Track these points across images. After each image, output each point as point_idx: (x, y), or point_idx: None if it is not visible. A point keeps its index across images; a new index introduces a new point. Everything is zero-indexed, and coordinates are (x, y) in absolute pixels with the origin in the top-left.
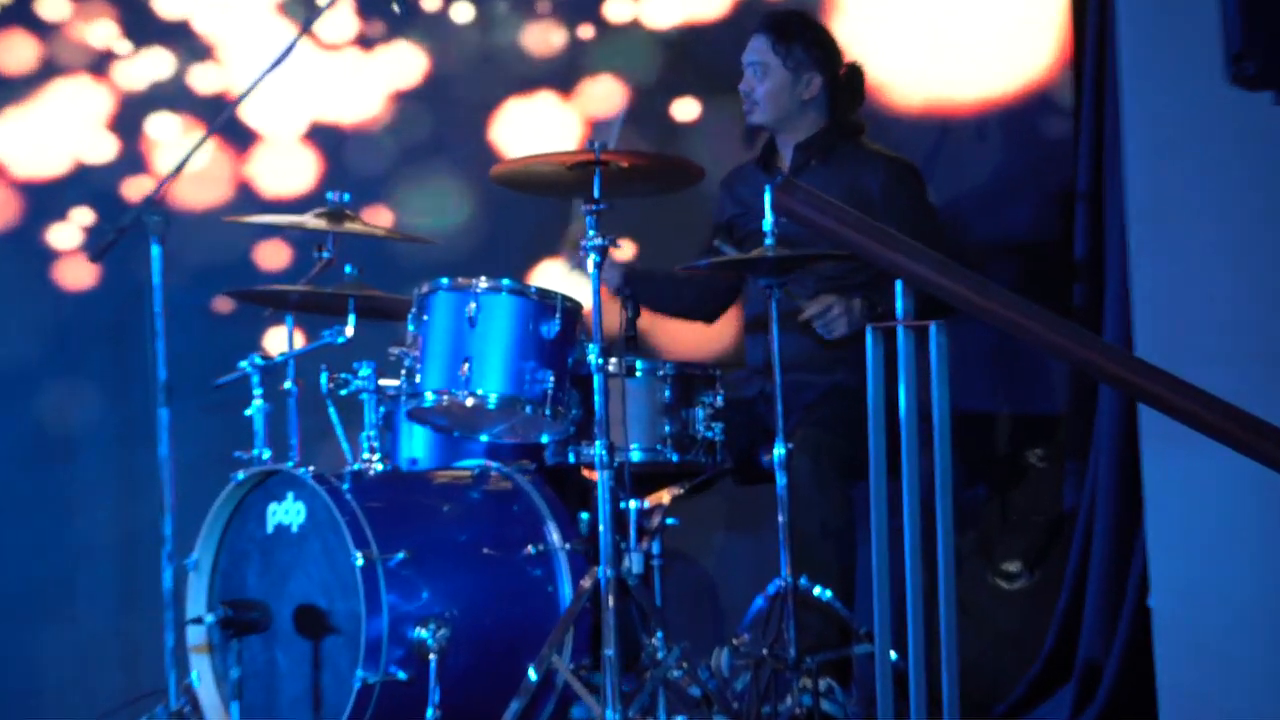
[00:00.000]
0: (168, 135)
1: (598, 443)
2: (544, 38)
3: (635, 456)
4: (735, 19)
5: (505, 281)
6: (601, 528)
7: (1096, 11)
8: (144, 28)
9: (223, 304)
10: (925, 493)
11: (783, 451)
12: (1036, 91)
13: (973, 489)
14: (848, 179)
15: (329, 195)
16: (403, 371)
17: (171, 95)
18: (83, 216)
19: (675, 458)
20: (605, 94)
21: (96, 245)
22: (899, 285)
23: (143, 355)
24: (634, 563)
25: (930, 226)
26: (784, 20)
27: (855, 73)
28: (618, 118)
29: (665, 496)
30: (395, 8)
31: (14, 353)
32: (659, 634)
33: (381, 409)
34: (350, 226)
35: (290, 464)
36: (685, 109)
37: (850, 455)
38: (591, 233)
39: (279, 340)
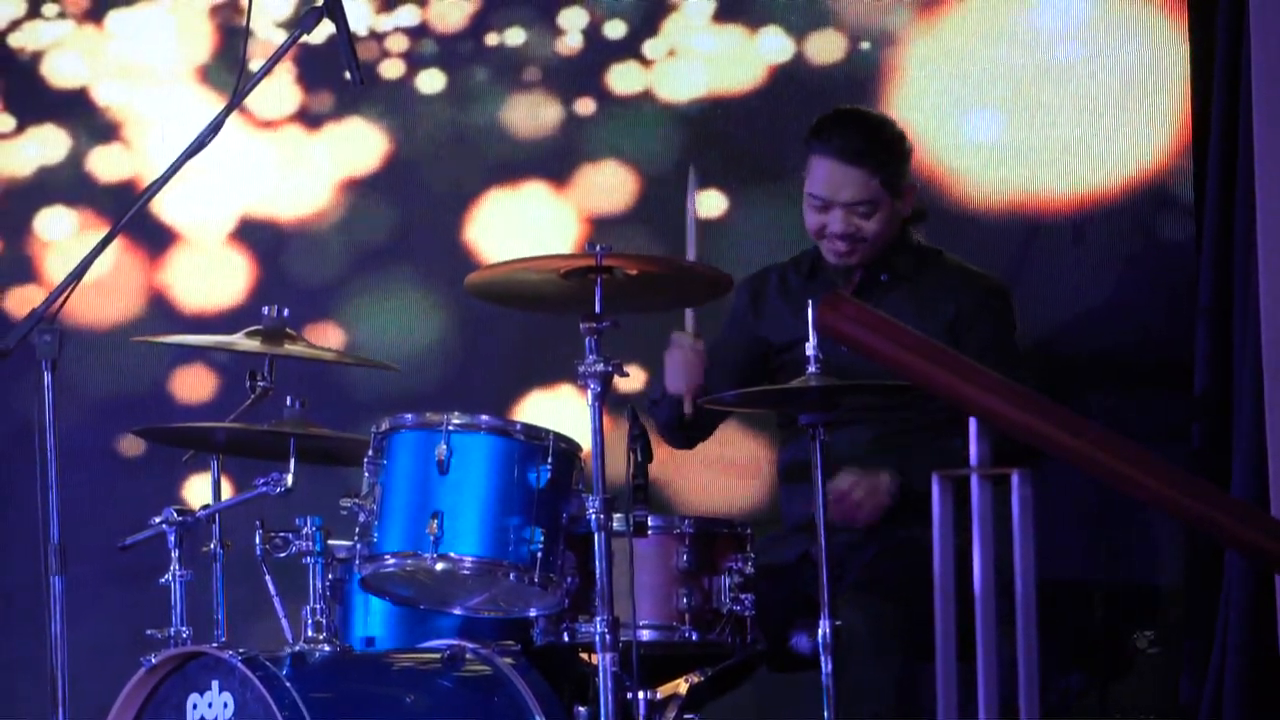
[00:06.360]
0: (61, 234)
1: (598, 619)
2: (532, 113)
3: (645, 636)
4: (770, 89)
5: (484, 417)
6: None
7: (1224, 88)
8: (31, 99)
9: (131, 445)
10: (1006, 682)
11: (828, 630)
12: (1148, 185)
13: (1065, 678)
14: (923, 300)
15: (264, 309)
16: (356, 529)
17: (66, 184)
18: None
19: (695, 637)
20: (609, 184)
21: None
22: (973, 424)
23: (30, 510)
24: None
25: (1008, 358)
26: (875, 141)
27: None
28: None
29: (682, 686)
30: (349, 75)
31: None
32: None
33: (330, 576)
34: (291, 349)
35: (215, 645)
36: (709, 203)
37: (917, 630)
38: (591, 357)
39: (201, 491)
